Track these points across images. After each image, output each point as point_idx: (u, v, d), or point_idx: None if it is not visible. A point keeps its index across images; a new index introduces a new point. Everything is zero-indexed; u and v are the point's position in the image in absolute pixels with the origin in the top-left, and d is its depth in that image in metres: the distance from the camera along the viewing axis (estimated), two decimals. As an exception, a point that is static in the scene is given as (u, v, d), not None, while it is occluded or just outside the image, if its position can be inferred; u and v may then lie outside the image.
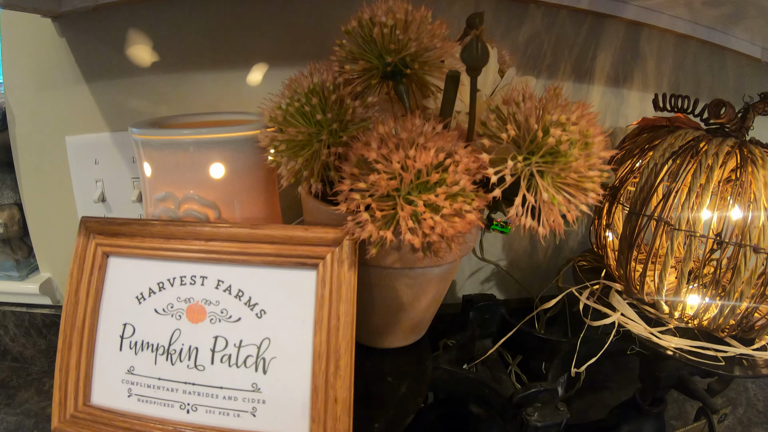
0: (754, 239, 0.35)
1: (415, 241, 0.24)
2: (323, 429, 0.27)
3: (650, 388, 0.47)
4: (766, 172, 0.36)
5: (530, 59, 0.49)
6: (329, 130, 0.29)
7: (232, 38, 0.46)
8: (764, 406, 0.58)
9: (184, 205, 0.33)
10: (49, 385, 0.59)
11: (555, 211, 0.26)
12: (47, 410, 0.55)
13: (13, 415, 0.54)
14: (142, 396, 0.29)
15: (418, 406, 0.32)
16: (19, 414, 0.55)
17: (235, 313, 0.29)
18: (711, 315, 0.38)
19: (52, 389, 0.59)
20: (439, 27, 0.29)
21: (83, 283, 0.31)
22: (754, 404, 0.58)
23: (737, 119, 0.42)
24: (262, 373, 0.28)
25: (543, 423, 0.34)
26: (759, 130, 0.45)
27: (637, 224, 0.36)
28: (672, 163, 0.37)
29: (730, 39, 0.56)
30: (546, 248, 0.57)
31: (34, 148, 0.52)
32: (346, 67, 0.29)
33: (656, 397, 0.48)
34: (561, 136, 0.24)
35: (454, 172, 0.24)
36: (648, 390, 0.47)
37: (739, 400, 0.58)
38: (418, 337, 0.37)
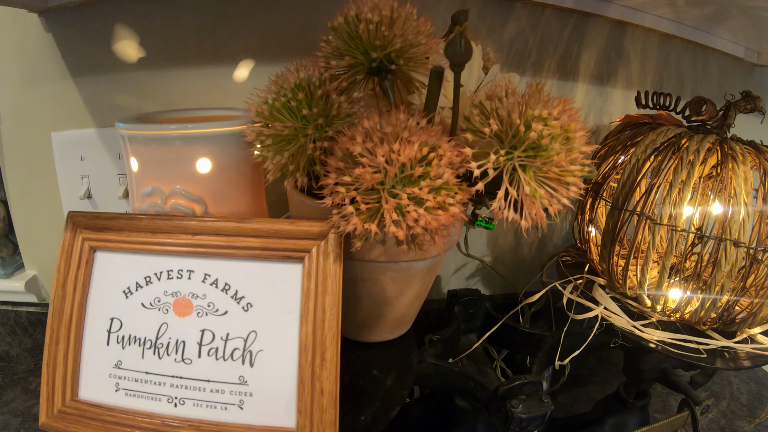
0: (734, 234, 0.36)
1: (399, 233, 0.25)
2: (310, 421, 0.27)
3: (634, 382, 0.48)
4: (746, 168, 0.37)
5: (515, 57, 0.50)
6: (315, 125, 0.29)
7: (218, 34, 0.46)
8: (747, 399, 0.59)
9: (171, 199, 0.34)
10: (35, 384, 0.59)
11: (537, 205, 0.27)
12: (34, 409, 0.55)
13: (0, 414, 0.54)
14: (130, 390, 0.30)
15: (404, 398, 0.33)
16: (6, 413, 0.54)
17: (221, 306, 0.29)
18: (693, 308, 0.39)
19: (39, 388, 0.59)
20: (424, 24, 0.30)
21: (70, 278, 0.31)
22: (738, 397, 0.60)
23: (719, 117, 0.43)
24: (249, 366, 0.28)
25: (527, 415, 0.35)
26: (744, 128, 0.46)
27: (619, 219, 0.37)
28: (654, 159, 0.38)
29: (714, 38, 0.57)
30: (530, 244, 0.58)
31: (20, 145, 0.52)
32: (332, 62, 0.30)
33: (640, 390, 0.49)
34: (542, 131, 0.25)
35: (437, 165, 0.25)
36: (632, 383, 0.49)
37: (722, 394, 0.60)
38: (403, 331, 0.38)
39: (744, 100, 0.44)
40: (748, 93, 0.45)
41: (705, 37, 0.56)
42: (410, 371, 0.35)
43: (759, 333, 0.43)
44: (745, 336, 0.42)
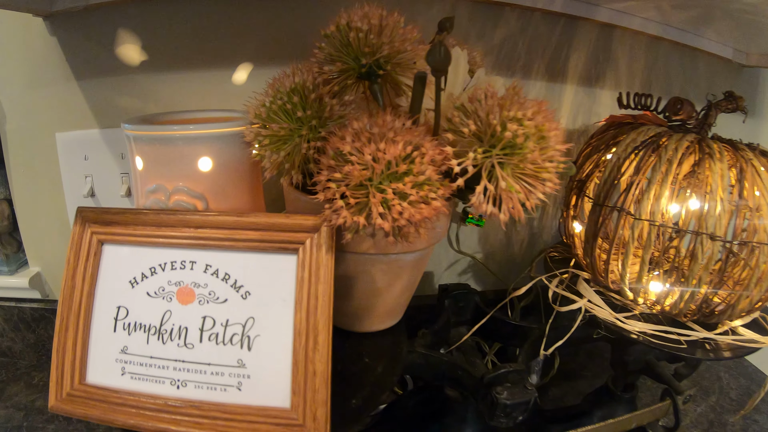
0: (711, 228, 0.39)
1: (385, 225, 0.28)
2: (303, 400, 0.30)
3: (621, 375, 0.51)
4: (722, 165, 0.40)
5: (505, 60, 0.53)
6: (309, 126, 0.32)
7: (218, 39, 0.49)
8: (737, 394, 0.62)
9: (174, 196, 0.37)
10: (38, 379, 0.62)
11: (514, 199, 0.29)
12: (36, 403, 0.58)
13: (3, 409, 0.57)
14: (135, 374, 0.33)
15: (393, 384, 0.36)
16: (9, 407, 0.57)
17: (222, 294, 0.32)
18: (672, 301, 0.42)
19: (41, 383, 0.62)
20: (410, 31, 0.33)
21: (79, 269, 0.34)
22: (727, 392, 0.62)
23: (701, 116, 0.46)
24: (247, 350, 0.31)
25: (512, 401, 0.38)
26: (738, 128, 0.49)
27: (600, 215, 0.40)
28: (634, 157, 0.41)
29: (702, 40, 0.60)
30: (521, 241, 0.61)
31: (25, 145, 0.55)
32: (324, 68, 0.33)
33: (628, 383, 0.52)
34: (517, 131, 0.28)
35: (420, 163, 0.28)
36: (619, 376, 0.51)
37: (712, 389, 0.62)
38: (394, 321, 0.41)
39: (726, 100, 0.47)
40: (731, 93, 0.48)
41: (693, 39, 0.59)
42: (400, 359, 0.38)
43: (740, 325, 0.46)
44: (726, 328, 0.45)
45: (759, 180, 0.40)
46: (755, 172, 0.40)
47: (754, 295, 0.41)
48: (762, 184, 0.40)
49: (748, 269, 0.41)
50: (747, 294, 0.41)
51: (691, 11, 0.53)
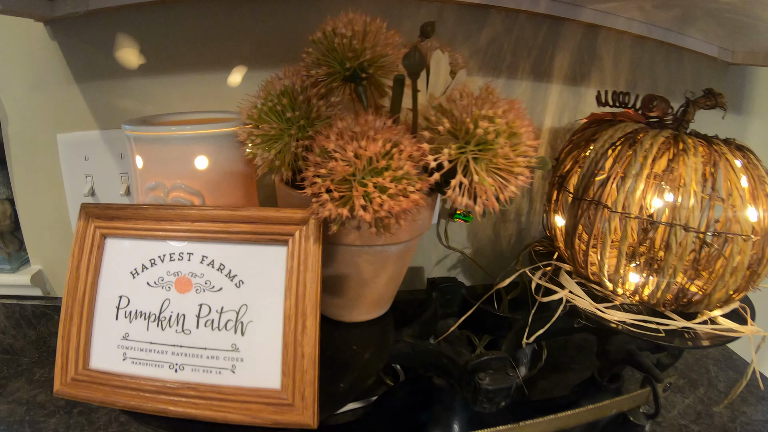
0: (684, 219, 0.42)
1: (366, 216, 0.31)
2: (293, 380, 0.33)
3: (606, 366, 0.54)
4: (696, 159, 0.43)
5: (491, 60, 0.56)
6: (297, 126, 0.36)
7: (213, 43, 0.53)
8: (725, 387, 0.65)
9: (173, 193, 0.40)
10: (39, 375, 0.65)
11: (489, 192, 0.33)
12: (38, 398, 0.62)
13: (5, 404, 0.61)
14: (136, 358, 0.36)
15: (379, 369, 0.39)
16: (11, 402, 0.61)
17: (217, 283, 0.35)
18: (650, 291, 0.45)
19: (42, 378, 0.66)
20: (392, 36, 0.36)
21: (83, 261, 0.37)
22: (715, 384, 0.65)
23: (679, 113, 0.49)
24: (241, 335, 0.35)
25: (494, 386, 0.41)
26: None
27: (579, 208, 0.44)
28: (611, 152, 0.44)
29: (686, 39, 0.63)
30: (509, 237, 0.64)
31: (26, 146, 0.59)
32: (312, 71, 0.36)
33: (613, 374, 0.55)
34: (488, 128, 0.31)
35: (398, 159, 0.31)
36: (605, 367, 0.54)
37: (700, 381, 0.65)
38: (381, 312, 0.44)
39: (704, 97, 0.50)
40: (710, 90, 0.51)
41: (677, 38, 0.62)
42: (387, 347, 0.41)
43: (719, 315, 0.49)
44: (705, 318, 0.48)
45: (732, 173, 0.44)
46: (728, 166, 0.44)
47: (730, 284, 0.45)
48: (735, 177, 0.44)
49: (723, 259, 0.44)
50: (722, 284, 0.44)
51: (672, 11, 0.56)
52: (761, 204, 0.44)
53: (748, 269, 0.45)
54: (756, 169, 0.45)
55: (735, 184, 0.43)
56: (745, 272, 0.44)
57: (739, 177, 0.44)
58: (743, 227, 0.43)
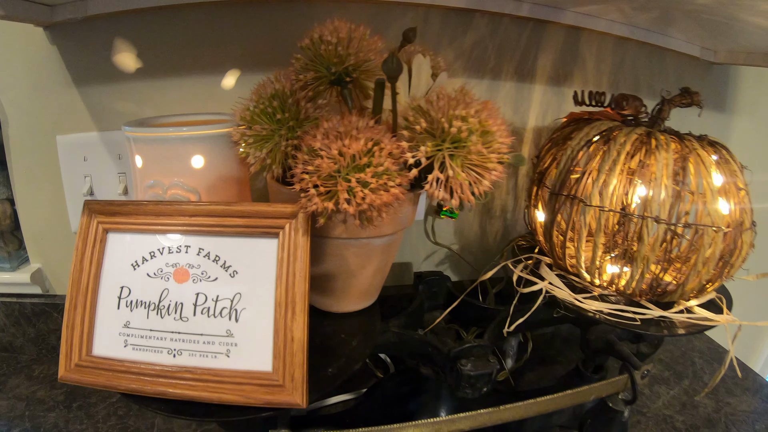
0: (655, 212, 0.46)
1: (350, 209, 0.35)
2: (283, 363, 0.37)
3: (590, 356, 0.58)
4: (668, 155, 0.47)
5: (476, 62, 0.60)
6: (287, 127, 0.40)
7: (207, 48, 0.57)
8: (710, 378, 0.69)
9: (170, 190, 0.44)
10: (38, 372, 0.69)
11: (464, 186, 0.37)
12: (38, 394, 0.65)
13: (5, 400, 0.64)
14: (136, 345, 0.40)
15: (366, 356, 0.43)
16: (11, 398, 0.65)
17: (213, 274, 0.39)
18: (625, 281, 0.49)
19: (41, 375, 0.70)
20: (375, 42, 0.40)
21: (87, 255, 0.41)
22: (701, 376, 0.69)
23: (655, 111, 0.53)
24: (235, 322, 0.39)
25: (475, 372, 0.45)
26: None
27: (556, 203, 0.47)
28: (587, 149, 0.48)
29: (668, 39, 0.67)
30: (495, 233, 0.68)
31: (26, 147, 0.63)
32: (300, 76, 0.40)
33: (597, 364, 0.58)
34: (461, 126, 0.35)
35: (379, 156, 0.35)
36: (588, 358, 0.58)
37: (685, 373, 0.69)
38: (368, 303, 0.48)
39: (680, 96, 0.54)
40: (686, 89, 0.55)
41: (659, 39, 0.66)
42: (373, 335, 0.45)
43: (696, 305, 0.52)
44: (682, 308, 0.51)
45: (702, 167, 0.47)
46: (699, 161, 0.47)
47: (703, 274, 0.48)
48: (705, 171, 0.47)
49: (694, 250, 0.48)
50: (695, 273, 0.48)
51: (651, 13, 0.60)
52: (732, 197, 0.48)
53: (721, 260, 0.48)
54: (728, 164, 0.49)
55: (705, 178, 0.47)
56: (717, 263, 0.48)
57: (709, 171, 0.47)
58: (713, 219, 0.46)
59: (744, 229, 0.49)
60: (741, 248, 0.50)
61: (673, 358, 0.72)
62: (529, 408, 0.46)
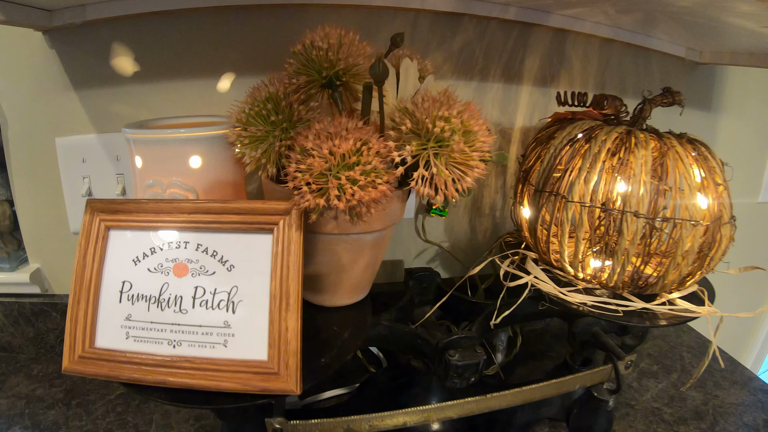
0: (634, 207, 0.49)
1: (340, 205, 0.38)
2: (278, 351, 0.40)
3: (578, 350, 0.61)
4: (646, 152, 0.50)
5: (464, 65, 0.64)
6: (281, 128, 0.43)
7: (203, 52, 0.60)
8: (697, 373, 0.72)
9: (169, 189, 0.47)
10: (37, 371, 0.72)
11: (448, 182, 0.40)
12: (37, 392, 0.68)
13: (5, 398, 0.67)
14: (138, 336, 0.43)
15: (357, 347, 0.46)
16: (11, 397, 0.68)
17: (211, 268, 0.42)
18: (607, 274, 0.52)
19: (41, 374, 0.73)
20: (364, 47, 0.44)
21: (89, 251, 0.44)
22: (689, 370, 0.72)
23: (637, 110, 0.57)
24: (232, 313, 0.42)
25: (462, 362, 0.48)
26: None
27: (540, 199, 0.51)
28: (569, 147, 0.51)
29: (653, 40, 0.71)
30: (485, 230, 0.71)
31: (26, 149, 0.66)
32: (293, 79, 0.44)
33: (585, 357, 0.62)
34: (444, 127, 0.38)
35: (367, 155, 0.38)
36: (576, 352, 0.61)
37: (674, 367, 0.72)
38: (360, 297, 0.51)
39: (661, 95, 0.58)
40: (668, 89, 0.58)
41: (644, 40, 0.70)
42: (364, 327, 0.48)
43: (678, 297, 0.56)
44: (664, 300, 0.55)
45: (680, 164, 0.51)
46: (677, 157, 0.51)
47: (682, 267, 0.52)
48: (683, 167, 0.51)
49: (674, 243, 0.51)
50: (675, 266, 0.51)
51: (634, 15, 0.64)
52: (710, 192, 0.51)
53: (700, 253, 0.52)
54: (706, 160, 0.53)
55: (683, 174, 0.50)
56: (696, 256, 0.52)
57: (687, 167, 0.51)
58: (692, 213, 0.50)
59: (723, 223, 0.52)
60: (720, 242, 0.53)
61: (661, 352, 0.75)
62: (515, 396, 0.49)
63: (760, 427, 0.65)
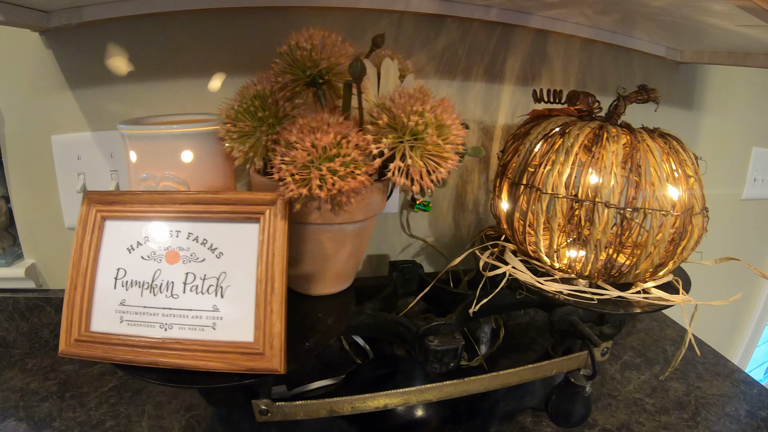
0: (605, 198, 0.53)
1: (321, 194, 0.42)
2: (263, 333, 0.45)
3: (558, 340, 0.65)
4: (618, 145, 0.54)
5: (447, 65, 0.68)
6: (267, 124, 0.47)
7: (195, 52, 0.65)
8: (680, 364, 0.76)
9: (162, 183, 0.51)
10: (31, 365, 0.76)
11: (423, 173, 0.44)
12: (31, 385, 0.72)
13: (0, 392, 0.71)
14: (131, 321, 0.47)
15: (340, 332, 0.50)
16: (5, 390, 0.71)
17: (201, 255, 0.47)
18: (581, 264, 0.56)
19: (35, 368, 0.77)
20: (346, 48, 0.48)
21: (86, 240, 0.48)
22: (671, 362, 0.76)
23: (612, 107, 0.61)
24: (220, 298, 0.46)
25: (441, 347, 0.52)
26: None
27: (515, 192, 0.55)
28: (544, 142, 0.56)
29: (634, 41, 0.76)
30: (468, 225, 0.75)
31: (22, 146, 0.70)
32: (279, 78, 0.48)
33: (566, 348, 0.66)
34: (418, 121, 0.43)
35: (346, 147, 0.43)
36: (557, 342, 0.65)
37: (656, 360, 0.76)
38: (344, 286, 0.55)
39: (636, 92, 0.62)
40: (643, 86, 0.63)
41: (625, 40, 0.75)
42: (347, 314, 0.52)
43: (653, 286, 0.60)
44: (639, 289, 0.59)
45: (651, 156, 0.55)
46: (647, 150, 0.55)
47: (654, 256, 0.56)
48: (654, 159, 0.55)
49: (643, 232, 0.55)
50: (646, 255, 0.55)
51: (612, 15, 0.68)
52: (681, 184, 0.56)
53: (671, 243, 0.56)
54: (677, 153, 0.57)
55: (654, 166, 0.55)
56: (667, 245, 0.56)
57: (657, 160, 0.55)
58: (661, 204, 0.54)
59: (694, 213, 0.56)
60: (692, 232, 0.57)
61: (645, 345, 0.79)
62: (492, 380, 0.53)
63: (742, 417, 0.69)
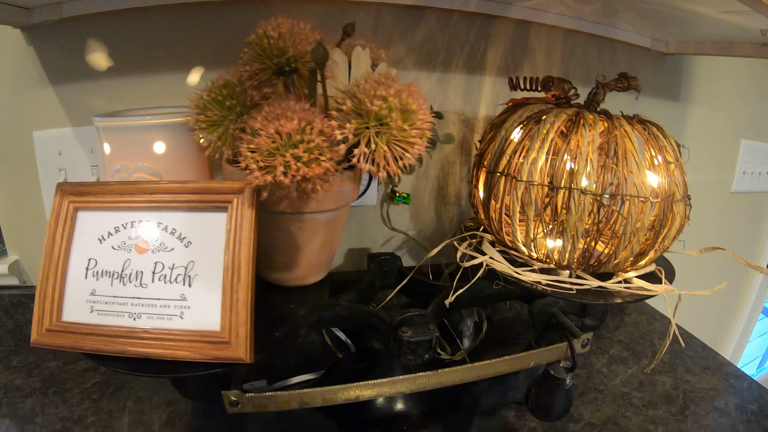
0: (581, 184, 0.53)
1: (286, 180, 0.43)
2: (229, 322, 0.45)
3: (540, 333, 0.65)
4: (594, 131, 0.54)
5: (426, 56, 0.68)
6: (236, 113, 0.48)
7: (174, 47, 0.66)
8: (669, 358, 0.75)
9: (135, 174, 0.52)
10: (16, 361, 0.77)
11: (389, 158, 0.44)
12: (15, 382, 0.73)
13: (-17, 388, 0.72)
14: (101, 310, 0.47)
15: (311, 323, 0.50)
16: (-12, 386, 0.72)
17: (169, 244, 0.47)
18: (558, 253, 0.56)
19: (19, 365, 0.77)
20: (312, 35, 0.49)
21: (59, 231, 0.49)
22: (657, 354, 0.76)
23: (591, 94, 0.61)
24: (188, 287, 0.46)
25: (415, 339, 0.52)
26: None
27: (491, 180, 0.55)
28: (520, 129, 0.56)
29: (617, 31, 0.76)
30: (450, 218, 0.75)
31: (4, 143, 0.71)
32: (247, 67, 0.49)
33: (549, 341, 0.65)
34: (381, 105, 0.43)
35: (310, 133, 0.43)
36: (540, 335, 0.65)
37: (644, 353, 0.76)
38: (318, 277, 0.55)
39: (615, 80, 0.62)
40: (624, 74, 0.62)
41: (609, 31, 0.75)
42: (320, 305, 0.52)
43: (635, 276, 0.59)
44: (620, 279, 0.59)
45: (628, 141, 0.55)
46: (625, 135, 0.55)
47: (634, 244, 0.55)
48: (632, 145, 0.55)
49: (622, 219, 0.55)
50: (625, 243, 0.55)
51: (593, 4, 0.68)
52: (661, 171, 0.55)
53: (651, 230, 0.56)
54: (657, 139, 0.57)
55: (631, 152, 0.54)
56: (647, 233, 0.55)
57: (635, 146, 0.55)
58: (640, 190, 0.54)
59: (675, 201, 0.56)
60: (673, 220, 0.57)
61: (632, 339, 0.79)
62: (468, 372, 0.53)
63: (732, 411, 0.68)
